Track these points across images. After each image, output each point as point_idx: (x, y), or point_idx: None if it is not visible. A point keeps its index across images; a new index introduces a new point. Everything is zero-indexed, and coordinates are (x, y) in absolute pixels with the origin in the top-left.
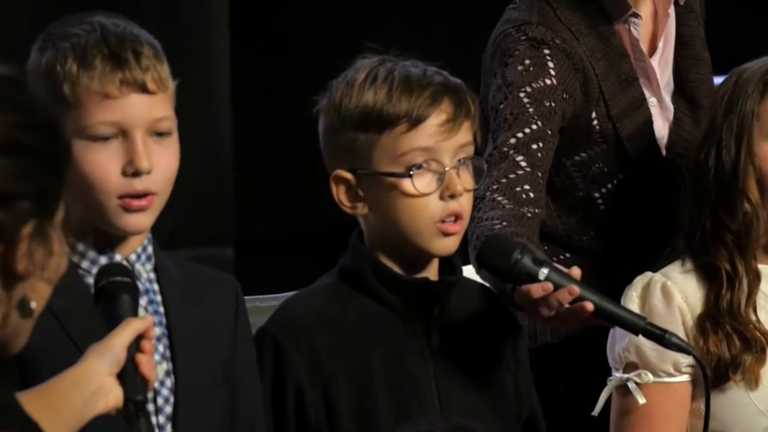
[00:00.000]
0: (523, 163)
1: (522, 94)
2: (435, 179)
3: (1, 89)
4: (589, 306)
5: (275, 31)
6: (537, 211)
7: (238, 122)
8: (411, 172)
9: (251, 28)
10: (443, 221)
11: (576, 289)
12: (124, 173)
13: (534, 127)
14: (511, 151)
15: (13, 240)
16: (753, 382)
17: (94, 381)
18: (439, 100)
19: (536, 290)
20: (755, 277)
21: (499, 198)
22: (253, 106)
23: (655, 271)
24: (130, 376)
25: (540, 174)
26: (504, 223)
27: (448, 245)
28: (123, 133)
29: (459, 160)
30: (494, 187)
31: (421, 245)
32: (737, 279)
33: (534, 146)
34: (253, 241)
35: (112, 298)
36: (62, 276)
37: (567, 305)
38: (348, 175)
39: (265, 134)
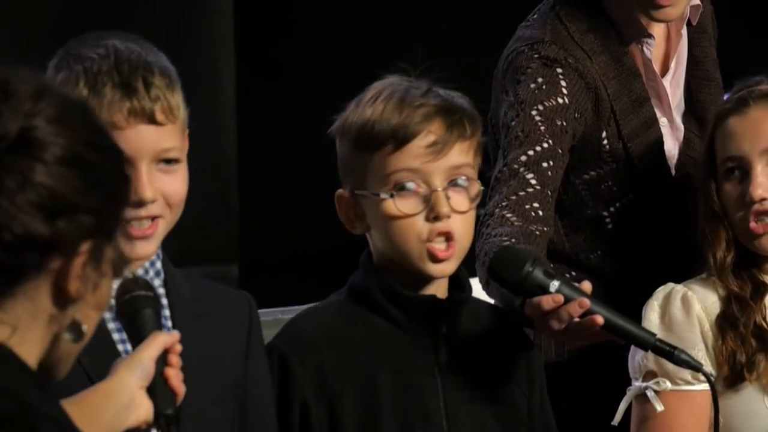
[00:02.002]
0: (533, 181)
1: (534, 112)
2: (421, 200)
3: (74, 108)
4: (599, 319)
5: (281, 51)
6: (545, 229)
7: (243, 140)
8: (393, 193)
9: (257, 48)
10: (432, 243)
11: (586, 302)
12: (131, 203)
13: (545, 145)
14: (522, 169)
15: (71, 254)
16: None
17: (126, 394)
18: (428, 120)
19: (547, 302)
20: (761, 289)
21: (508, 215)
22: (259, 124)
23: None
24: (160, 389)
25: (549, 192)
26: (512, 240)
27: (440, 268)
28: (129, 162)
29: (451, 182)
30: (504, 204)
31: (414, 266)
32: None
33: (544, 164)
34: (258, 260)
35: (136, 314)
36: None
37: (577, 318)
38: (347, 194)
39: (270, 153)
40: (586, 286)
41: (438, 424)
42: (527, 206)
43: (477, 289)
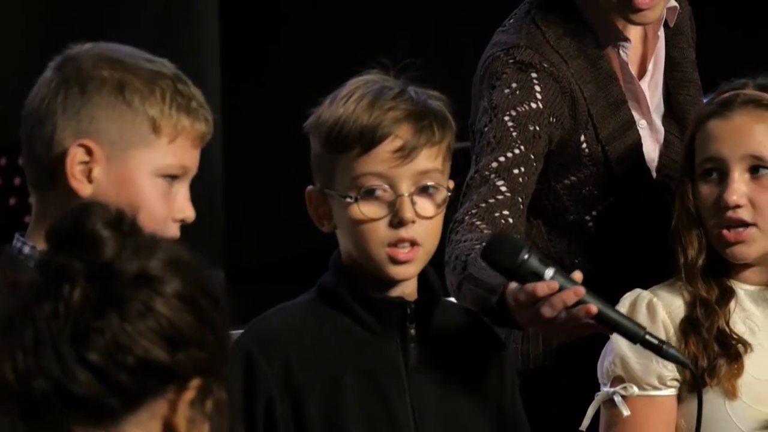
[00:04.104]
0: (504, 188)
1: (506, 118)
2: (386, 205)
3: (183, 255)
4: (593, 308)
5: (266, 56)
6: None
7: (228, 147)
8: (358, 197)
9: (242, 53)
10: (395, 247)
11: (582, 290)
12: (174, 219)
13: (516, 151)
14: (492, 175)
15: (183, 387)
16: (730, 393)
17: None
18: (397, 124)
19: (542, 288)
20: (727, 294)
21: (478, 222)
22: (244, 130)
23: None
24: None
25: (520, 199)
26: (483, 245)
27: (402, 271)
28: (178, 178)
29: (419, 187)
30: (473, 211)
31: (376, 268)
32: (709, 298)
33: (515, 171)
34: (243, 266)
35: None
36: None
37: (569, 309)
38: (316, 192)
39: (256, 159)
40: (577, 275)
41: (405, 425)
42: (497, 214)
43: None
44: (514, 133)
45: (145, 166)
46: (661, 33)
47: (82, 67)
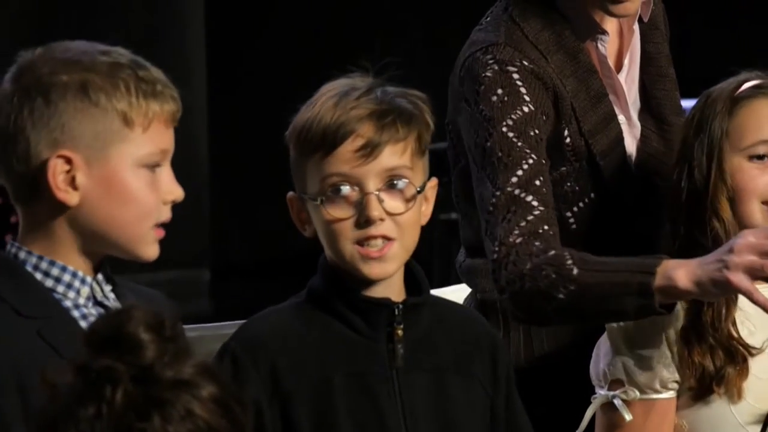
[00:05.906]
0: (535, 203)
1: (505, 129)
2: (353, 205)
3: (213, 366)
4: None
5: (252, 54)
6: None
7: (215, 144)
8: (323, 198)
9: (228, 51)
10: (365, 245)
11: None
12: (165, 202)
13: (530, 161)
14: (517, 191)
15: None
16: (736, 395)
17: None
18: (358, 123)
19: None
20: (734, 295)
21: (531, 242)
22: (230, 129)
23: None
24: None
25: (551, 209)
26: (570, 261)
27: (376, 270)
28: (160, 165)
29: (388, 184)
30: (516, 232)
31: (350, 268)
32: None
33: (537, 182)
34: (229, 264)
35: None
36: (45, 305)
37: None
38: (295, 197)
39: (241, 158)
40: None
41: (396, 427)
42: (540, 231)
43: (448, 290)
44: (519, 144)
45: (126, 160)
46: (636, 27)
47: (41, 75)
